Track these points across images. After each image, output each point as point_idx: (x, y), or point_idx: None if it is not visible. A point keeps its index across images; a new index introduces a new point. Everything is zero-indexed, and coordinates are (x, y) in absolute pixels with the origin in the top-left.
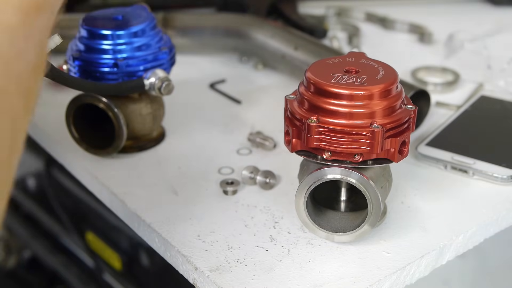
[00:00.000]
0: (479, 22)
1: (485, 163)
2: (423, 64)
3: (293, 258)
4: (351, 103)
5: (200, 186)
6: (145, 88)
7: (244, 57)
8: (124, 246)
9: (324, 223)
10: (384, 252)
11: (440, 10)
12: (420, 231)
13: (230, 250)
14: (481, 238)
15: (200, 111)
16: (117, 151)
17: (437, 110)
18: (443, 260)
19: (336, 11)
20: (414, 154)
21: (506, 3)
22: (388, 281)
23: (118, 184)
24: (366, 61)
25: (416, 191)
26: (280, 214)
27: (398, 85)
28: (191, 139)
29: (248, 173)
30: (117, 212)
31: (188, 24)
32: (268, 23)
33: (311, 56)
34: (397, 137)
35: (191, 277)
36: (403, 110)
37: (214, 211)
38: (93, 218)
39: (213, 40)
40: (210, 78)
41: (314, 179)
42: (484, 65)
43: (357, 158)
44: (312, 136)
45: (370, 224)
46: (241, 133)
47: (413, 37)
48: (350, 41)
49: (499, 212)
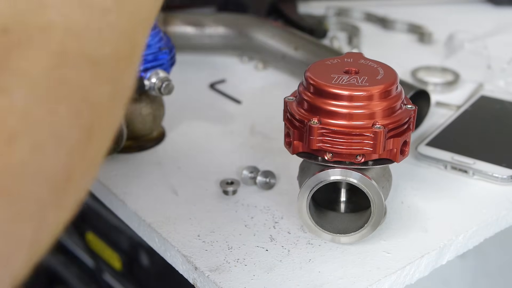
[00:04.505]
0: (479, 22)
1: (485, 163)
2: (423, 64)
3: (293, 258)
4: (353, 104)
5: (200, 186)
6: (145, 88)
7: (244, 57)
8: (124, 246)
9: (326, 224)
10: (384, 252)
11: (440, 10)
12: (420, 231)
13: (230, 250)
14: (481, 238)
15: (200, 111)
16: (117, 151)
17: (437, 110)
18: (443, 260)
19: (336, 11)
20: (414, 154)
21: (506, 3)
22: (388, 281)
23: (118, 184)
24: (365, 61)
25: (416, 191)
26: (280, 214)
27: (398, 85)
28: (191, 139)
29: (248, 173)
30: (117, 212)
31: (188, 24)
32: (268, 23)
33: (311, 56)
34: (398, 137)
35: (191, 277)
36: (403, 110)
37: (214, 211)
38: (93, 218)
39: (213, 40)
40: (210, 78)
41: (317, 181)
42: (484, 65)
43: (359, 159)
44: (314, 138)
45: (373, 224)
46: (241, 133)
47: (413, 37)
48: (350, 41)
49: (499, 212)
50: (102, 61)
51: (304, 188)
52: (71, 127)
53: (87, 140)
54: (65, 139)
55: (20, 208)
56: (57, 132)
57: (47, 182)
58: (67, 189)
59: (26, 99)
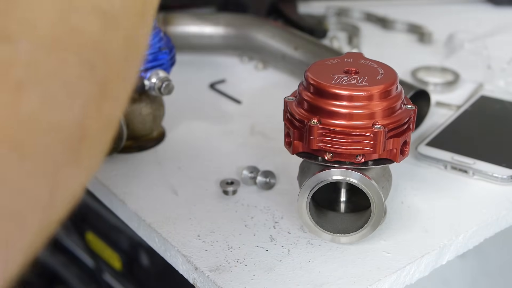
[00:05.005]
0: (479, 22)
1: (485, 163)
2: (423, 64)
3: (293, 258)
4: (353, 104)
5: (200, 186)
6: (145, 88)
7: (244, 57)
8: (124, 246)
9: (326, 224)
10: (384, 252)
11: (440, 10)
12: (420, 231)
13: (230, 250)
14: (481, 238)
15: (200, 111)
16: (117, 151)
17: (437, 110)
18: (443, 260)
19: (336, 11)
20: (414, 154)
21: (506, 3)
22: (388, 281)
23: (118, 184)
24: (365, 61)
25: (416, 191)
26: (280, 214)
27: (398, 85)
28: (191, 139)
29: (248, 173)
30: (117, 212)
31: (188, 24)
32: (268, 23)
33: (311, 56)
34: (398, 137)
35: (191, 277)
36: (403, 110)
37: (214, 211)
38: (93, 218)
39: (213, 40)
40: (210, 78)
41: (317, 181)
42: (484, 65)
43: (359, 159)
44: (314, 138)
45: (373, 224)
46: (241, 133)
47: (413, 37)
48: (350, 41)
49: (499, 212)
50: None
51: (304, 188)
52: (84, 79)
53: (101, 96)
54: (78, 91)
55: (35, 164)
56: (69, 83)
57: (61, 138)
58: (82, 148)
59: (33, 46)
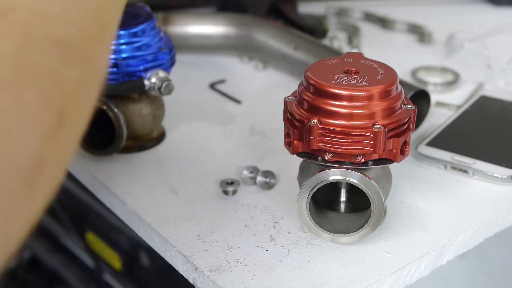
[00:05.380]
0: (479, 22)
1: (485, 163)
2: (423, 64)
3: (293, 258)
4: (353, 104)
5: (200, 186)
6: (145, 88)
7: (244, 57)
8: (124, 246)
9: (326, 224)
10: (384, 252)
11: (440, 10)
12: (420, 231)
13: (230, 250)
14: (481, 238)
15: (200, 111)
16: (117, 151)
17: (437, 110)
18: (443, 260)
19: (336, 11)
20: (414, 154)
21: (506, 3)
22: (388, 281)
23: (118, 184)
24: (365, 61)
25: (416, 191)
26: (280, 214)
27: (398, 85)
28: (191, 139)
29: (248, 173)
30: (117, 212)
31: (188, 24)
32: (268, 23)
33: (311, 56)
34: (398, 137)
35: (191, 277)
36: (403, 110)
37: (214, 211)
38: (93, 218)
39: (213, 40)
40: (210, 78)
41: (317, 181)
42: (484, 65)
43: (359, 159)
44: (314, 138)
45: (373, 224)
46: (241, 133)
47: (412, 37)
48: (350, 41)
49: (499, 212)
50: (70, 42)
51: (304, 188)
52: (41, 113)
53: (58, 126)
54: (34, 124)
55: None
56: (26, 118)
57: (17, 171)
58: (39, 178)
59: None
